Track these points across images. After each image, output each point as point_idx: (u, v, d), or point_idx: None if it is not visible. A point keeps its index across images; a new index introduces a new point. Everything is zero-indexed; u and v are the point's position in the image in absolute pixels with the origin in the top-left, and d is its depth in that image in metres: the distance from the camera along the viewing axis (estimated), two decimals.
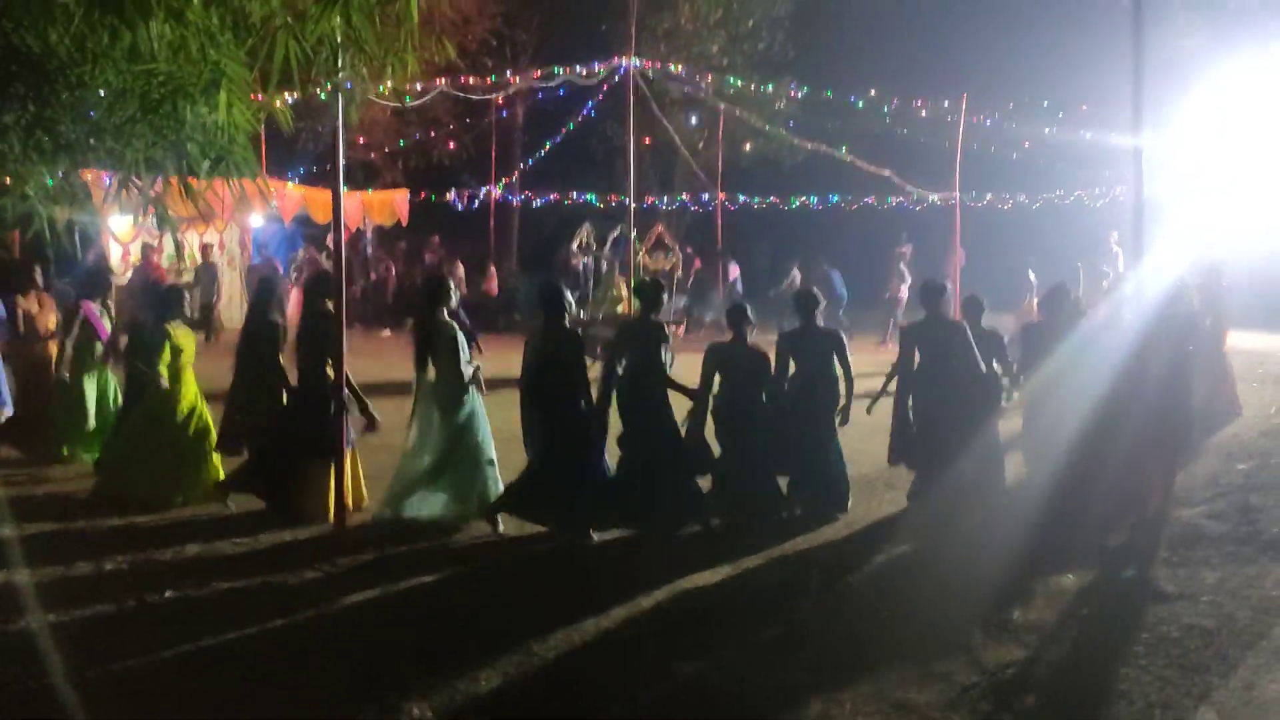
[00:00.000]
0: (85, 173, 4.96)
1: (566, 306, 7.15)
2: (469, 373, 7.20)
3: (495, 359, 10.75)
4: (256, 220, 18.99)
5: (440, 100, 18.40)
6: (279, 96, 5.44)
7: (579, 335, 7.32)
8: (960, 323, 8.00)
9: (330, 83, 5.19)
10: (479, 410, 7.30)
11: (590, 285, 19.54)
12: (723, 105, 19.81)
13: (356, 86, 5.37)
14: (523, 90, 18.44)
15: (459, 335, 7.23)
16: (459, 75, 16.23)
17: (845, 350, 7.63)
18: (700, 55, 22.43)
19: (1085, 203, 19.97)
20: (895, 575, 6.47)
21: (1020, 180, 20.31)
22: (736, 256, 21.65)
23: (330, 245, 13.73)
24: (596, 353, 10.57)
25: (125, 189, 4.39)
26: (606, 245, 20.29)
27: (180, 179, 4.47)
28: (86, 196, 5.10)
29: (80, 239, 11.14)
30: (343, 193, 7.18)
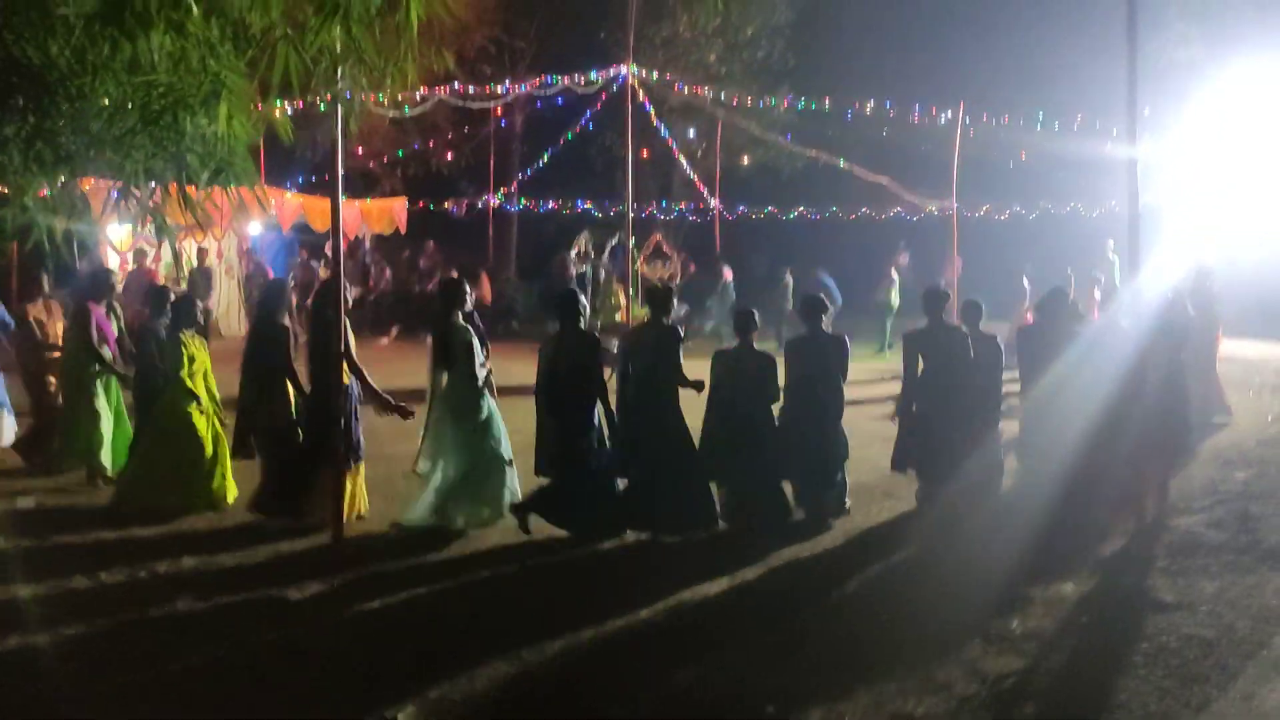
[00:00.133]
0: (84, 182, 4.96)
1: (582, 311, 7.24)
2: (482, 375, 7.25)
3: (493, 366, 10.72)
4: (255, 228, 19.00)
5: (439, 109, 18.44)
6: (279, 107, 5.44)
7: (596, 339, 7.35)
8: (961, 328, 8.07)
9: (330, 93, 5.20)
10: (495, 412, 7.36)
11: (589, 294, 19.56)
12: (721, 113, 19.87)
13: (356, 97, 5.38)
14: (521, 99, 18.48)
15: (474, 339, 7.28)
16: (458, 84, 16.26)
17: (847, 357, 7.67)
18: (699, 63, 22.50)
19: (1081, 213, 20.04)
20: (894, 583, 6.46)
21: (1018, 189, 20.39)
22: (733, 264, 21.68)
23: (329, 254, 13.79)
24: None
25: (125, 199, 4.40)
26: (605, 254, 20.31)
27: (179, 189, 4.48)
28: (85, 206, 5.10)
29: (77, 248, 11.09)
30: (341, 201, 7.19)
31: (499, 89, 16.92)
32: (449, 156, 23.54)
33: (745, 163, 23.36)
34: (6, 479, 8.55)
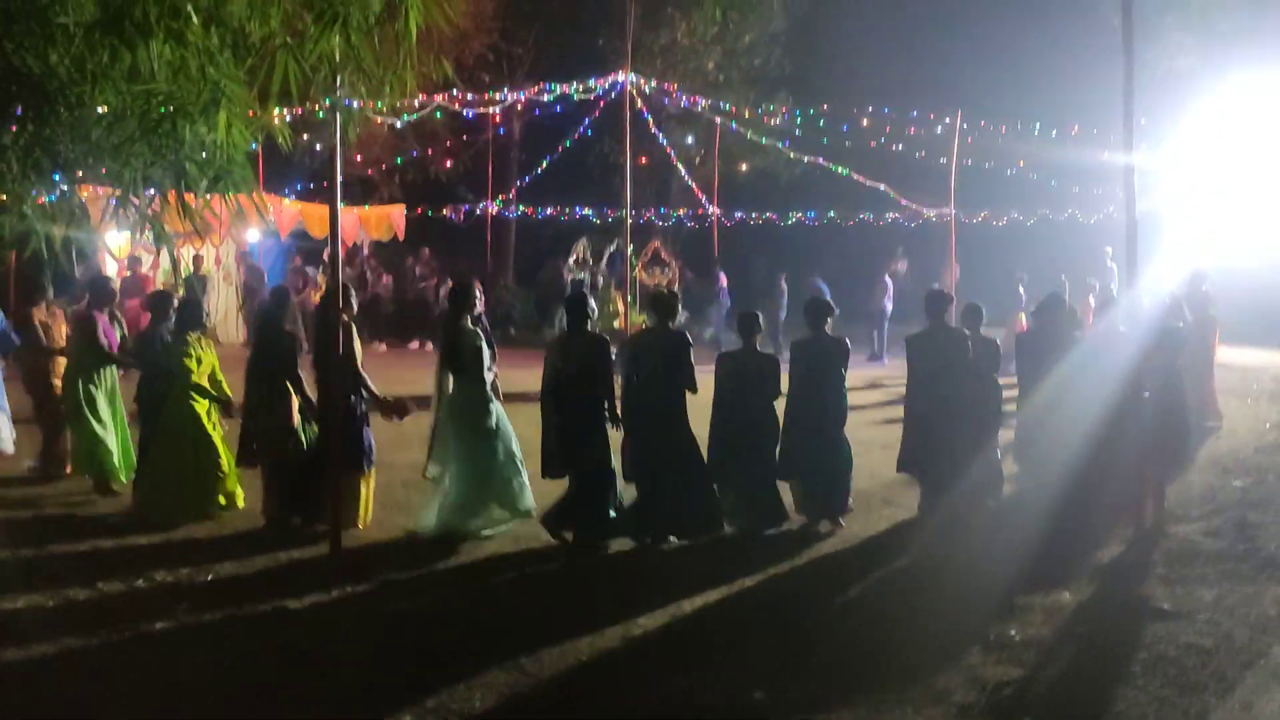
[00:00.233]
0: (82, 189, 4.97)
1: (590, 314, 7.30)
2: (489, 379, 7.27)
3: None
4: (253, 235, 19.00)
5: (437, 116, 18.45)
6: (278, 115, 5.44)
7: (605, 341, 7.37)
8: (962, 331, 8.11)
9: (329, 100, 5.21)
10: (503, 415, 7.39)
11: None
12: (719, 120, 19.90)
13: (355, 106, 5.39)
14: (520, 106, 18.50)
15: (483, 343, 7.30)
16: (456, 91, 16.27)
17: (847, 360, 7.71)
18: (697, 71, 22.54)
19: (1079, 219, 20.08)
20: (893, 590, 6.46)
21: (1016, 196, 20.42)
22: (730, 270, 21.71)
23: (327, 260, 13.79)
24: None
25: (124, 207, 4.40)
26: (603, 261, 20.30)
27: (178, 197, 4.48)
28: (84, 214, 5.10)
29: (76, 255, 11.06)
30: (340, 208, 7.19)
31: (498, 96, 16.93)
32: (447, 163, 23.54)
33: (743, 169, 23.38)
34: (3, 487, 8.53)
